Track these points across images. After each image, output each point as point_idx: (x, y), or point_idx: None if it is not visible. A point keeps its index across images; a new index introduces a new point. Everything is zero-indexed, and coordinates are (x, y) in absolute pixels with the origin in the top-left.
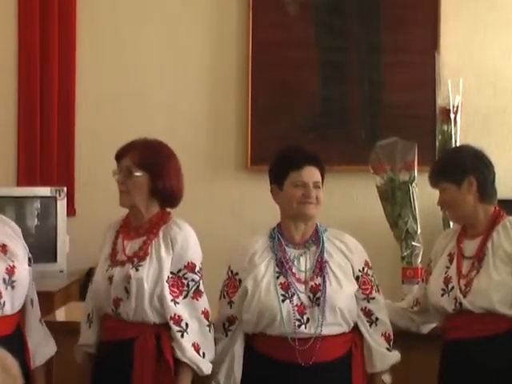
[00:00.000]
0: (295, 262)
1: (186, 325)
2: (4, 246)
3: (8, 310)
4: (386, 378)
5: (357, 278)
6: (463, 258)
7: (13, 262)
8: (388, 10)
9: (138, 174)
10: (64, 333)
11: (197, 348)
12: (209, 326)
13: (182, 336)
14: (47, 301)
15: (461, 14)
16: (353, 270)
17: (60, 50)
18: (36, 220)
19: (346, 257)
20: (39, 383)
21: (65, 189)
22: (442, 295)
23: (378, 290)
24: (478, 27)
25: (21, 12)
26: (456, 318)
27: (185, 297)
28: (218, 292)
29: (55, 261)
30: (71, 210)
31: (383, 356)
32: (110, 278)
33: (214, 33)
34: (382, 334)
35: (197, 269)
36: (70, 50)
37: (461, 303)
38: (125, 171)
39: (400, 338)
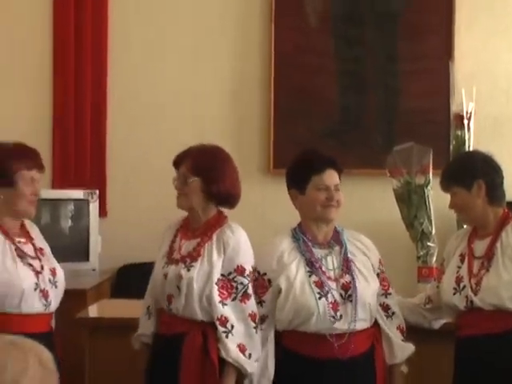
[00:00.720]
0: (323, 262)
1: (232, 326)
2: (41, 249)
3: (53, 308)
4: (404, 368)
5: (377, 275)
6: (474, 258)
7: (52, 264)
8: (403, 20)
9: (191, 180)
10: (96, 328)
11: (242, 349)
12: (255, 327)
13: (227, 337)
14: (80, 298)
15: (474, 23)
16: (373, 267)
17: (93, 59)
18: (70, 221)
19: (365, 255)
20: None
21: (97, 191)
22: (454, 294)
23: (391, 286)
24: (491, 36)
25: (56, 24)
26: (467, 316)
27: (233, 299)
28: None
29: (88, 260)
30: (103, 212)
31: (402, 347)
32: (165, 275)
33: (238, 43)
34: (397, 327)
35: (246, 273)
36: (102, 59)
37: (472, 301)
38: (181, 178)
39: (414, 332)
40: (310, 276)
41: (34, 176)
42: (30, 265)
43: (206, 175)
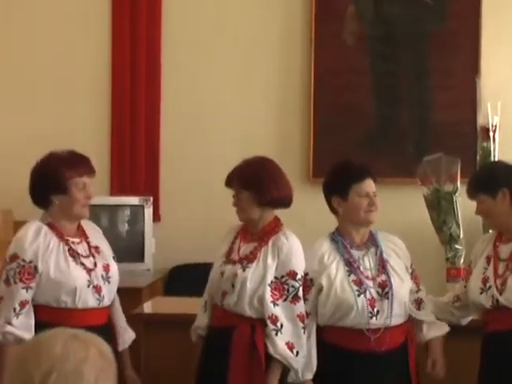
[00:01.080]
0: (360, 262)
1: (281, 325)
2: (97, 247)
3: (106, 302)
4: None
5: (410, 273)
6: (499, 261)
7: (106, 260)
8: (434, 40)
9: (243, 195)
10: (151, 323)
11: (291, 347)
12: (303, 328)
13: (276, 334)
14: (136, 295)
15: (499, 42)
16: (406, 266)
17: (147, 77)
18: (126, 225)
19: (398, 255)
20: (126, 362)
21: (151, 198)
22: (481, 293)
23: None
24: None
25: (114, 41)
26: (494, 313)
27: (284, 300)
28: None
29: (143, 261)
30: (156, 217)
31: (440, 324)
32: (222, 273)
33: (282, 63)
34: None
35: (298, 277)
36: (155, 77)
37: (497, 300)
38: (236, 196)
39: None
40: (349, 275)
41: (85, 181)
42: (82, 264)
43: (256, 187)
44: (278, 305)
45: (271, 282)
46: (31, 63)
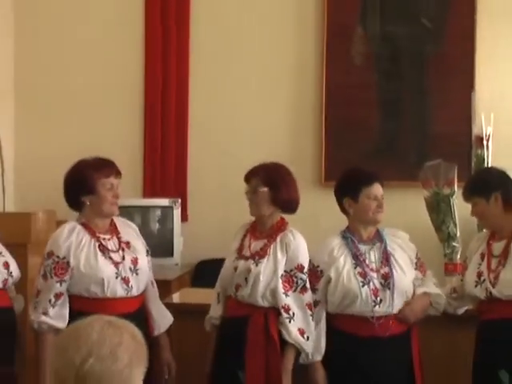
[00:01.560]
0: (366, 255)
1: (293, 314)
2: (128, 242)
3: (134, 292)
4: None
5: (415, 264)
6: (492, 257)
7: (135, 254)
8: (433, 59)
9: (262, 189)
10: (179, 312)
11: (302, 332)
12: (311, 315)
13: (290, 322)
14: (165, 287)
15: (492, 61)
16: (410, 259)
17: (177, 88)
18: (157, 224)
19: (402, 249)
20: (164, 345)
21: (179, 200)
22: (476, 286)
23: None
24: (506, 72)
25: (147, 57)
26: (487, 304)
27: (294, 291)
28: None
29: (172, 256)
30: (184, 217)
31: (432, 286)
32: (235, 268)
33: (298, 80)
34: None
35: (305, 270)
36: (183, 93)
37: (491, 292)
38: (252, 189)
39: (441, 317)
40: (355, 268)
41: (112, 182)
42: (110, 258)
43: (275, 185)
44: (288, 295)
45: (281, 275)
46: (74, 81)
